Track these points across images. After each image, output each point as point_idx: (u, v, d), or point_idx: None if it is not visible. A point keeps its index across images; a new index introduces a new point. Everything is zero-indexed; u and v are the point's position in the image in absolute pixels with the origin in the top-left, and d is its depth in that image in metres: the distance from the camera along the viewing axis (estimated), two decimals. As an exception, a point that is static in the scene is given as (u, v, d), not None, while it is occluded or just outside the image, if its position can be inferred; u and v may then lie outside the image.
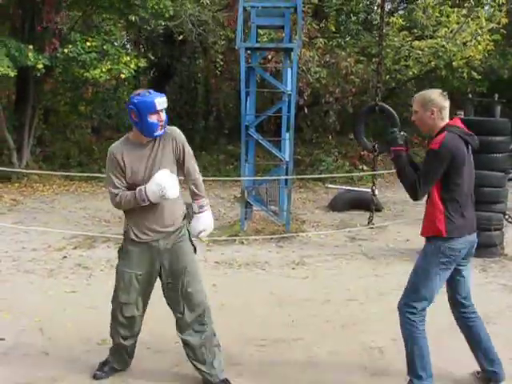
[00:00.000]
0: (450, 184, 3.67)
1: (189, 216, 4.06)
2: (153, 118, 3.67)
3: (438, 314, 4.30)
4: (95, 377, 4.13)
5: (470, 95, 8.74)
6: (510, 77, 18.52)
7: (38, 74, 12.24)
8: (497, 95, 8.02)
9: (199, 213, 3.99)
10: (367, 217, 9.52)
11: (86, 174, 12.54)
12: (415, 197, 3.73)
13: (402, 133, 3.88)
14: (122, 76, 12.86)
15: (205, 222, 3.98)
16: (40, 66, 11.74)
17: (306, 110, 16.44)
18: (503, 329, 5.06)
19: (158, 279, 4.03)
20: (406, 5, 19.58)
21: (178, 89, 18.79)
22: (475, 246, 3.90)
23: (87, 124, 18.20)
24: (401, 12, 19.40)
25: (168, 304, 4.05)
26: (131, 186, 3.80)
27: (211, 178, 11.68)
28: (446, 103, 3.76)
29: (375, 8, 17.63)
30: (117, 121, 18.89)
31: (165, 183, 3.65)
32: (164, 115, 3.73)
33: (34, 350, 4.54)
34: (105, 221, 9.78)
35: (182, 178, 4.01)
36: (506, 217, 7.57)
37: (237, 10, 9.19)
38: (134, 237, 3.90)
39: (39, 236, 8.32)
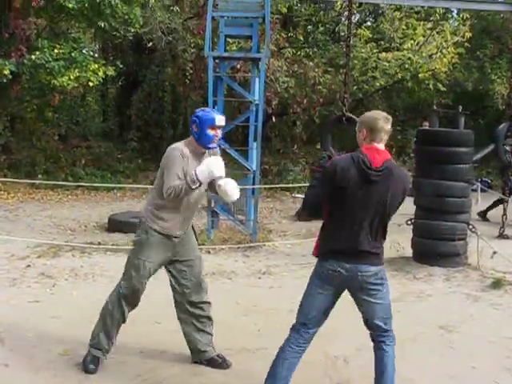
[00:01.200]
0: (331, 204, 3.58)
1: None
2: (210, 132, 4.12)
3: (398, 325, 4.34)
4: (88, 370, 4.24)
5: (435, 107, 8.83)
6: (474, 89, 18.89)
7: (5, 81, 12.08)
8: (461, 107, 8.14)
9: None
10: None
11: (52, 182, 12.36)
12: (306, 212, 3.91)
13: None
14: (90, 84, 12.77)
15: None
16: (6, 72, 11.58)
17: (273, 120, 16.51)
18: (466, 337, 5.14)
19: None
20: (373, 17, 19.86)
21: (147, 97, 18.66)
22: (370, 279, 3.59)
23: (54, 131, 17.88)
24: (368, 24, 19.66)
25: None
26: None
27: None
28: (383, 126, 3.54)
29: (343, 19, 17.83)
30: (84, 128, 18.71)
31: (211, 164, 3.99)
32: (220, 133, 4.21)
33: (-6, 362, 4.45)
34: (70, 229, 9.66)
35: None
36: (470, 227, 7.67)
37: (206, 19, 9.19)
38: (163, 228, 4.15)
39: (2, 245, 8.16)
